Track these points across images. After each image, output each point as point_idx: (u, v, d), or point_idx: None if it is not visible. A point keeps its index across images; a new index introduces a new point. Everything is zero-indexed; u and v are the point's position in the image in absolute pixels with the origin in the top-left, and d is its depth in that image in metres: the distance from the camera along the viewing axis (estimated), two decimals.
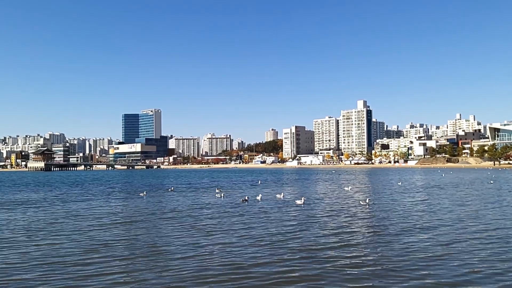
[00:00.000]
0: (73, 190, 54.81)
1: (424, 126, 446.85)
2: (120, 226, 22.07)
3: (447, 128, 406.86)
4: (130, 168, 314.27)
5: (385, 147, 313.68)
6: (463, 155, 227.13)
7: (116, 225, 22.62)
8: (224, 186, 58.36)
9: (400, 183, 59.29)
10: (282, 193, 39.13)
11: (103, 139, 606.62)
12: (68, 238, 18.69)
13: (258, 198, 36.41)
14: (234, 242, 17.28)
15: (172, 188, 52.37)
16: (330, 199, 36.83)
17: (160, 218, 25.17)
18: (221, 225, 21.83)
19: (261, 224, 22.23)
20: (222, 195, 40.68)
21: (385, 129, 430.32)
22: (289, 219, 24.10)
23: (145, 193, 44.07)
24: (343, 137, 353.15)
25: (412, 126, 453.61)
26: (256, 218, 24.62)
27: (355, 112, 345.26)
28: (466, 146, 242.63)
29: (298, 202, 32.23)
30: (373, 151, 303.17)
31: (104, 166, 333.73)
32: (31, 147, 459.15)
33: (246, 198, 35.83)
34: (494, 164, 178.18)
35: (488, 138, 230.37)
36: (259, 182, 69.90)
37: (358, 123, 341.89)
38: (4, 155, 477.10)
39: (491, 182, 59.41)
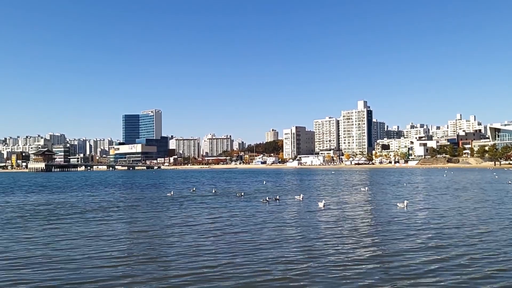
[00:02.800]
0: (99, 192, 52.74)
1: (425, 126, 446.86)
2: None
3: (448, 128, 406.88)
4: (131, 168, 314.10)
5: (385, 147, 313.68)
6: (464, 155, 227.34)
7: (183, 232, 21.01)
8: (236, 188, 58.60)
9: (405, 184, 59.32)
10: (301, 195, 38.98)
11: (104, 140, 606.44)
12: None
13: (278, 198, 37.43)
14: (285, 255, 15.24)
15: (194, 189, 53.64)
16: (356, 201, 35.28)
17: (204, 223, 23.77)
18: (265, 234, 19.84)
19: (303, 230, 20.42)
20: (242, 194, 42.82)
21: (385, 129, 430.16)
22: (330, 225, 22.11)
23: (172, 193, 46.34)
24: (344, 137, 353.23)
25: (412, 127, 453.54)
26: (292, 224, 22.74)
27: (355, 112, 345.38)
28: (466, 146, 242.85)
29: (320, 204, 30.81)
30: (373, 152, 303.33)
31: (105, 167, 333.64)
32: (31, 147, 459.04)
33: (267, 199, 36.39)
34: (495, 164, 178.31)
35: (488, 138, 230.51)
36: (264, 183, 70.65)
37: (359, 124, 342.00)
38: (5, 156, 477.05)
39: (510, 182, 58.99)
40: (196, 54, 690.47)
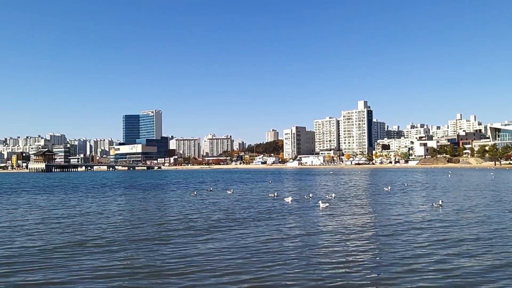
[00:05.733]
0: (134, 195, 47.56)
1: (425, 126, 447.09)
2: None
3: (448, 128, 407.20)
4: (131, 169, 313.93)
5: (385, 147, 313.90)
6: (464, 155, 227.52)
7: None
8: (246, 187, 58.15)
9: (406, 184, 59.22)
10: (333, 194, 38.43)
11: (104, 140, 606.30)
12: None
13: (310, 196, 37.65)
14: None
15: (211, 189, 53.42)
16: (395, 202, 33.77)
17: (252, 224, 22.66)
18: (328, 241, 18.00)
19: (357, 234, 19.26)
20: (275, 194, 41.19)
21: (385, 129, 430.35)
22: (382, 225, 21.54)
23: (195, 193, 46.06)
24: (344, 137, 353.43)
25: (412, 126, 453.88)
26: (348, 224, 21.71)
27: (355, 112, 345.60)
28: (467, 146, 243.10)
29: (322, 205, 29.80)
30: (373, 152, 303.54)
31: (105, 167, 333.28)
32: (31, 148, 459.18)
33: (289, 200, 34.88)
34: (495, 164, 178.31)
35: (489, 138, 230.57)
36: (270, 182, 72.55)
37: (359, 124, 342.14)
38: (5, 156, 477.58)
39: None
40: (196, 54, 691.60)
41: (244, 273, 12.95)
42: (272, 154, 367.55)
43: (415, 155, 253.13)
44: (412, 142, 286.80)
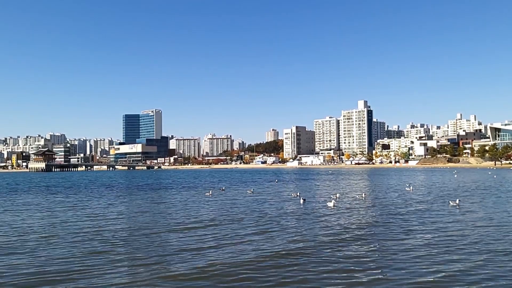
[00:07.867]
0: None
1: (425, 126, 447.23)
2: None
3: (448, 128, 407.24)
4: (131, 168, 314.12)
5: (385, 147, 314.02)
6: (464, 155, 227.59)
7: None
8: (254, 186, 57.70)
9: (409, 185, 58.91)
10: (364, 194, 37.57)
11: (104, 140, 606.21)
12: None
13: (337, 196, 36.30)
14: None
15: (223, 188, 53.10)
16: (426, 203, 32.81)
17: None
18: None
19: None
20: (298, 194, 39.19)
21: (385, 129, 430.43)
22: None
23: (211, 192, 44.97)
24: (344, 137, 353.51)
25: (412, 126, 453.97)
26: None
27: (355, 112, 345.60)
28: (467, 146, 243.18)
29: (329, 204, 29.73)
30: (373, 151, 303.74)
31: (105, 167, 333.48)
32: (32, 147, 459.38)
33: (303, 200, 33.50)
34: (495, 164, 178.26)
35: (489, 138, 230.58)
36: (276, 181, 73.96)
37: (359, 123, 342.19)
38: (5, 156, 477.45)
39: None
40: (196, 54, 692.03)
41: None
42: (272, 154, 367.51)
43: (415, 155, 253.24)
44: (412, 142, 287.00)
